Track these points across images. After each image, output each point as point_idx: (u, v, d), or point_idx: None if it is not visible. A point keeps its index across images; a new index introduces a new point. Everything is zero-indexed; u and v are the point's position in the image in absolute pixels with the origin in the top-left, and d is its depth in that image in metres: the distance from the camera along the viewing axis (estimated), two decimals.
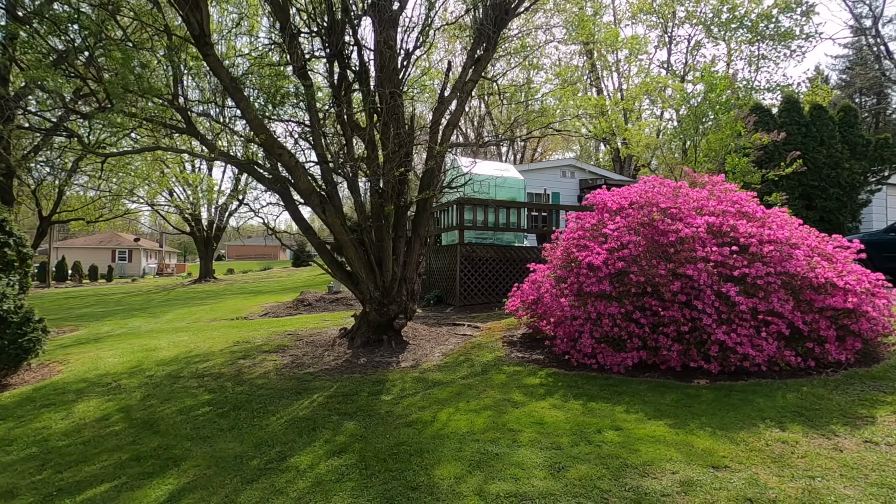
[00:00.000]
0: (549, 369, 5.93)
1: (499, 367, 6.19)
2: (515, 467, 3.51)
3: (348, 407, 5.05)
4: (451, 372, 6.16)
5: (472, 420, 4.47)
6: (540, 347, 7.04)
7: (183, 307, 16.12)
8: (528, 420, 4.39)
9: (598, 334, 5.62)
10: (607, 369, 5.62)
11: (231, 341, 8.69)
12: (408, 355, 7.15)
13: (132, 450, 4.28)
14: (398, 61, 6.75)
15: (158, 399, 5.71)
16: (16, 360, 6.87)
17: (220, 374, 6.60)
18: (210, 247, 29.56)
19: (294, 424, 4.66)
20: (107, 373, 7.02)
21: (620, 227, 5.93)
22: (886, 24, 25.25)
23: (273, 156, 6.19)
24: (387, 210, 6.61)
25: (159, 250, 51.07)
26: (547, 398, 4.94)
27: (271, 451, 4.07)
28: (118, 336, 10.72)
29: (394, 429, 4.40)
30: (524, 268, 11.98)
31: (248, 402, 5.41)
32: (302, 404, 5.25)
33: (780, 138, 11.06)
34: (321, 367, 6.74)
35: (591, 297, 5.78)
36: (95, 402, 5.77)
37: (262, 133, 5.85)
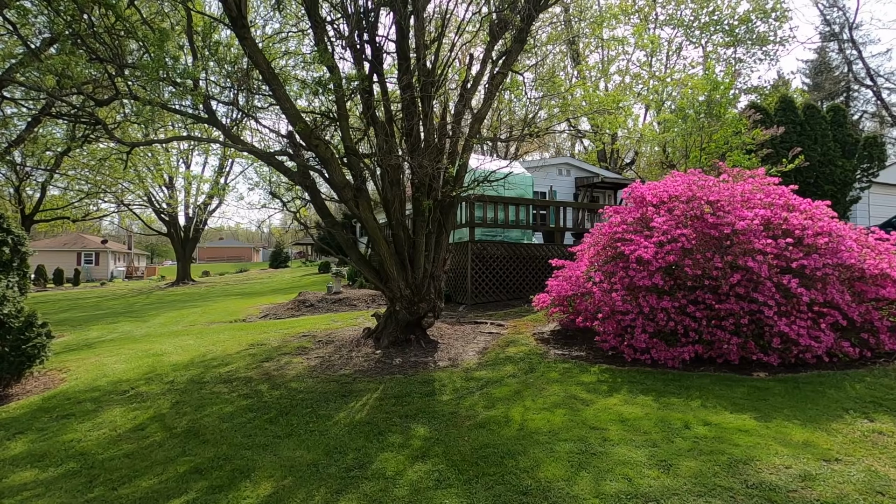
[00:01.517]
0: (599, 365, 5.81)
1: (545, 365, 6.04)
2: (622, 465, 3.35)
3: (406, 409, 4.80)
4: (495, 370, 5.98)
5: (548, 419, 4.30)
6: (577, 343, 6.93)
7: (171, 310, 15.39)
8: (608, 417, 4.24)
9: (652, 329, 5.53)
10: (661, 364, 5.54)
11: (244, 344, 8.27)
12: (442, 354, 6.93)
13: (187, 461, 3.94)
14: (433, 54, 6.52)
15: (191, 406, 5.32)
16: (18, 369, 6.33)
17: (249, 378, 6.23)
18: (188, 248, 28.50)
19: (356, 429, 4.38)
20: (119, 380, 6.55)
21: (668, 220, 5.87)
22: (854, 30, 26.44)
23: (309, 147, 5.87)
24: (425, 204, 6.37)
25: (128, 252, 48.97)
26: (613, 394, 4.81)
27: (346, 458, 3.80)
28: (112, 341, 10.09)
29: (468, 430, 4.18)
30: (534, 265, 11.92)
31: (293, 406, 5.10)
32: (353, 407, 4.98)
33: (780, 133, 11.31)
34: (355, 368, 6.45)
35: (641, 292, 5.70)
36: (119, 410, 5.34)
37: (299, 123, 5.53)
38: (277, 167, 6.59)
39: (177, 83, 5.61)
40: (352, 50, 6.04)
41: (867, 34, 26.88)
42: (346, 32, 5.75)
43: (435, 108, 7.03)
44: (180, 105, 5.88)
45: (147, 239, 67.27)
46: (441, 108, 6.63)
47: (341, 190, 6.16)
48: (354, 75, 5.45)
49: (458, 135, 6.63)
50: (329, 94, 5.95)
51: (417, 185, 6.38)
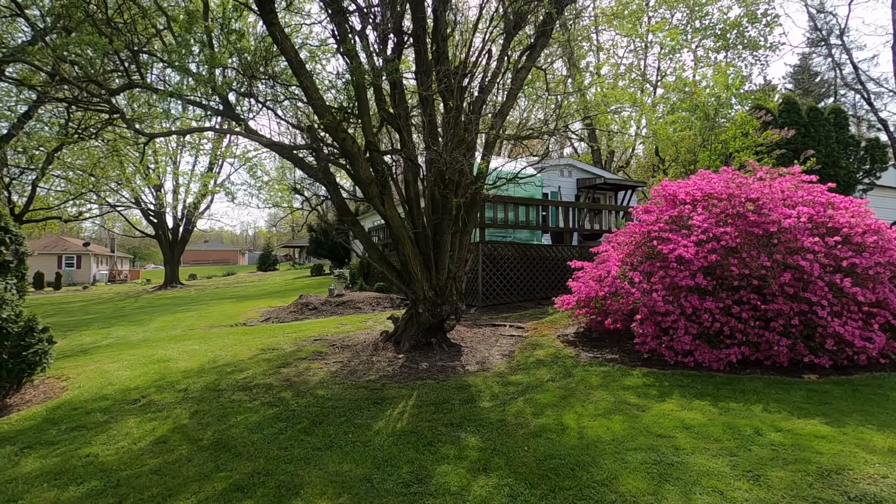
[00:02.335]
0: (640, 369, 5.60)
1: (581, 369, 5.81)
2: (706, 477, 3.13)
3: (448, 417, 4.53)
4: (530, 374, 5.73)
5: (606, 426, 4.06)
6: (607, 346, 6.72)
7: (166, 314, 14.85)
8: (670, 424, 4.02)
9: (696, 330, 5.35)
10: (705, 367, 5.35)
11: (254, 349, 7.90)
12: (468, 358, 6.66)
13: (224, 477, 3.61)
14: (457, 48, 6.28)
15: (213, 416, 4.97)
16: (18, 377, 5.90)
17: (269, 385, 5.89)
18: (176, 250, 27.76)
19: (401, 439, 4.10)
20: (127, 388, 6.15)
21: (707, 218, 5.70)
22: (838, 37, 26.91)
23: (336, 140, 5.57)
24: (454, 202, 6.11)
25: (111, 256, 47.67)
26: (666, 399, 4.60)
27: (400, 472, 3.51)
28: (109, 347, 9.62)
29: (523, 439, 3.93)
30: (544, 266, 11.72)
31: (325, 415, 4.79)
32: (390, 416, 4.68)
33: (790, 135, 11.31)
34: (380, 373, 6.15)
35: (682, 292, 5.51)
36: (134, 421, 4.96)
37: (327, 115, 5.24)
38: (297, 163, 6.28)
39: (189, 71, 5.28)
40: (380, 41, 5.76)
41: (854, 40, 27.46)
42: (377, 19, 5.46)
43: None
44: (194, 96, 5.52)
45: (129, 241, 65.70)
46: (468, 103, 6.38)
47: (367, 186, 5.87)
48: (388, 66, 5.17)
49: (489, 130, 6.38)
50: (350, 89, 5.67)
51: (446, 183, 6.11)
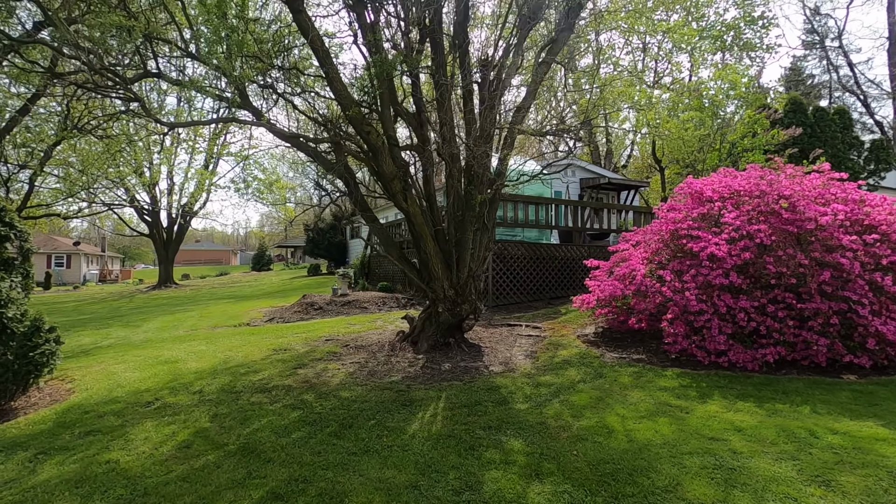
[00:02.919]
0: (672, 369, 5.47)
1: (610, 369, 5.67)
2: (774, 483, 2.99)
3: (484, 420, 4.36)
4: (559, 375, 5.58)
5: (653, 429, 3.92)
6: (631, 346, 6.60)
7: (164, 315, 14.53)
8: (719, 426, 3.89)
9: (731, 330, 5.23)
10: (739, 367, 5.24)
11: (265, 349, 7.68)
12: (490, 359, 6.50)
13: (259, 485, 3.41)
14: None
15: (234, 419, 4.76)
16: (25, 379, 5.64)
17: (288, 386, 5.69)
18: (171, 250, 27.32)
19: (440, 443, 3.92)
20: (137, 390, 5.92)
21: (739, 216, 5.59)
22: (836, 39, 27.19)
23: (360, 133, 5.38)
24: (478, 198, 5.95)
25: (101, 255, 46.88)
26: (708, 401, 4.47)
27: (447, 479, 3.33)
28: (111, 347, 9.33)
29: (569, 443, 3.77)
30: (554, 266, 11.59)
31: (353, 418, 4.60)
32: (423, 418, 4.51)
33: (797, 134, 11.29)
34: (402, 374, 5.96)
35: (715, 291, 5.39)
36: (151, 425, 4.74)
37: (353, 107, 5.05)
38: (316, 157, 6.08)
39: (212, 58, 5.07)
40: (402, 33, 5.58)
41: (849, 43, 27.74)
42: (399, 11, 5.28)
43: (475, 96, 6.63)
44: (212, 88, 5.30)
45: (120, 241, 64.86)
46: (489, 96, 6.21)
47: (390, 181, 5.69)
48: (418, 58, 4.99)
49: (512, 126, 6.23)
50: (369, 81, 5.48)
51: (471, 178, 5.95)
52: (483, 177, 6.03)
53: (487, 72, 5.62)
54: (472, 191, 5.97)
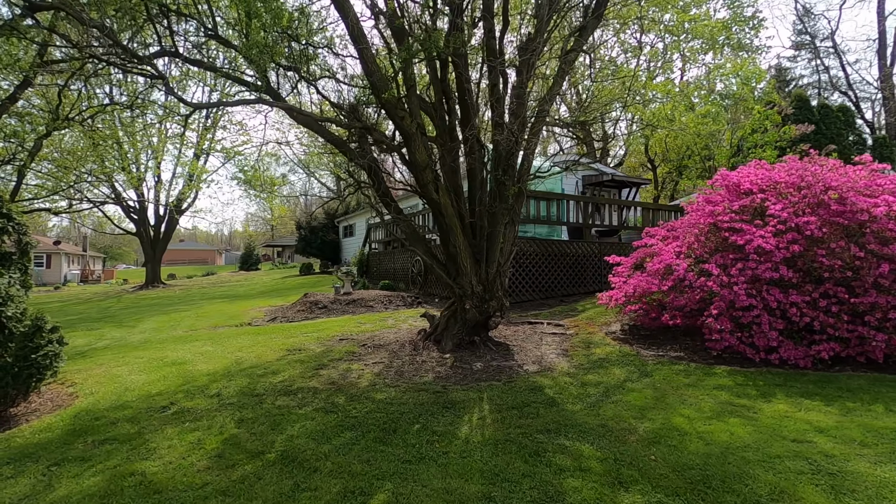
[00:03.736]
0: (719, 367, 5.25)
1: (653, 367, 5.44)
2: (887, 489, 2.76)
3: (539, 423, 4.07)
4: (603, 374, 5.33)
5: (727, 430, 3.67)
6: (665, 343, 6.38)
7: (158, 315, 13.97)
8: (795, 426, 3.66)
9: (782, 325, 5.02)
10: (791, 364, 5.04)
11: (278, 350, 7.30)
12: (522, 357, 6.22)
13: (311, 498, 3.07)
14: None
15: (264, 425, 4.40)
16: (26, 383, 5.19)
17: (314, 388, 5.34)
18: (158, 249, 26.54)
19: (499, 448, 3.62)
20: (148, 393, 5.51)
21: (785, 208, 5.40)
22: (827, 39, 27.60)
23: (393, 119, 5.06)
24: (511, 190, 5.66)
25: (82, 255, 45.50)
26: (772, 399, 4.24)
27: (522, 488, 3.04)
28: (108, 349, 8.83)
29: (642, 447, 3.51)
30: (565, 262, 11.37)
31: (394, 421, 4.28)
32: (471, 421, 4.20)
33: (809, 130, 11.25)
34: (432, 374, 5.65)
35: (763, 285, 5.19)
36: (173, 432, 4.35)
37: (388, 90, 4.72)
38: (338, 146, 5.73)
39: (222, 40, 4.70)
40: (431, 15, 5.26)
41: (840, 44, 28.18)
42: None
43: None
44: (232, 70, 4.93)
45: (101, 240, 63.25)
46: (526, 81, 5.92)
47: (422, 171, 5.37)
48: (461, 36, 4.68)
49: (541, 115, 5.96)
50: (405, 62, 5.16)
51: (505, 168, 5.66)
52: (516, 167, 5.75)
53: (526, 56, 5.34)
54: (506, 181, 5.68)
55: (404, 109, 5.03)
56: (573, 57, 6.77)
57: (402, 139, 5.25)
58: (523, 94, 5.35)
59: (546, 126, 6.59)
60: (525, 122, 5.41)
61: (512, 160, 5.54)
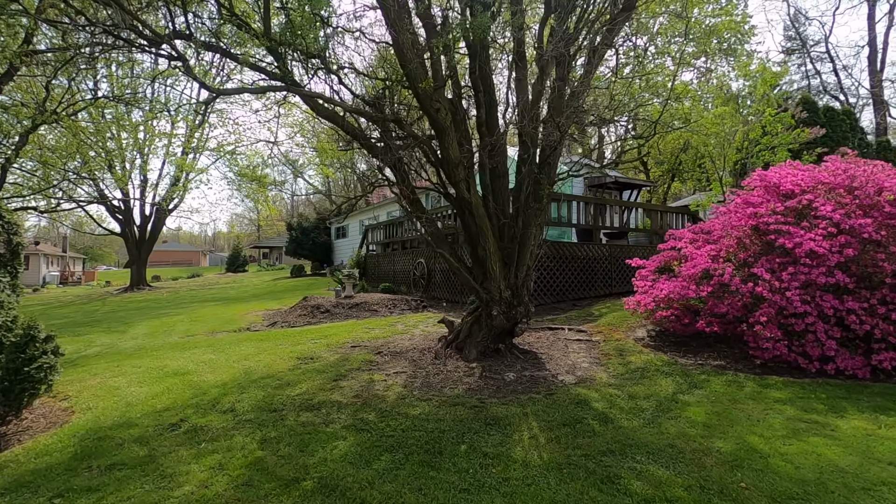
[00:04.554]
0: (771, 377, 4.97)
1: (700, 378, 5.13)
2: None
3: (599, 442, 3.72)
4: (649, 386, 5.00)
5: (812, 451, 3.36)
6: (699, 350, 6.09)
7: (149, 319, 13.34)
8: (890, 448, 3.37)
9: (839, 334, 4.76)
10: (848, 374, 4.77)
11: (288, 358, 6.86)
12: (554, 367, 5.87)
13: None
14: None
15: (291, 445, 3.97)
16: (18, 399, 4.69)
17: (338, 402, 4.92)
18: (144, 250, 25.68)
19: (565, 474, 3.26)
20: (154, 409, 5.04)
21: (835, 209, 5.14)
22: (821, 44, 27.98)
23: (427, 111, 4.68)
24: (546, 189, 5.32)
25: (62, 256, 44.08)
26: (844, 415, 3.96)
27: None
28: (100, 357, 8.27)
29: (724, 471, 3.17)
30: (576, 265, 11.07)
31: (435, 441, 3.89)
32: (521, 441, 3.83)
33: (821, 134, 11.14)
34: (463, 386, 5.27)
35: (816, 290, 4.92)
36: (188, 454, 3.91)
37: (424, 79, 4.34)
38: (361, 140, 5.33)
39: (241, 23, 4.28)
40: None
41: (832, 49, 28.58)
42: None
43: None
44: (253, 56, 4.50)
45: (81, 241, 61.55)
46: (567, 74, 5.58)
47: (454, 168, 5.00)
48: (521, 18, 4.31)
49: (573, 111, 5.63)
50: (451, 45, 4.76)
51: (542, 165, 5.31)
52: (554, 165, 5.41)
53: (568, 47, 5.01)
54: (542, 179, 5.33)
55: (439, 101, 4.66)
56: (602, 52, 6.47)
57: (435, 133, 4.88)
58: (563, 88, 5.01)
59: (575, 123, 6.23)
60: (569, 117, 5.07)
61: (552, 158, 5.20)
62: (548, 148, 4.98)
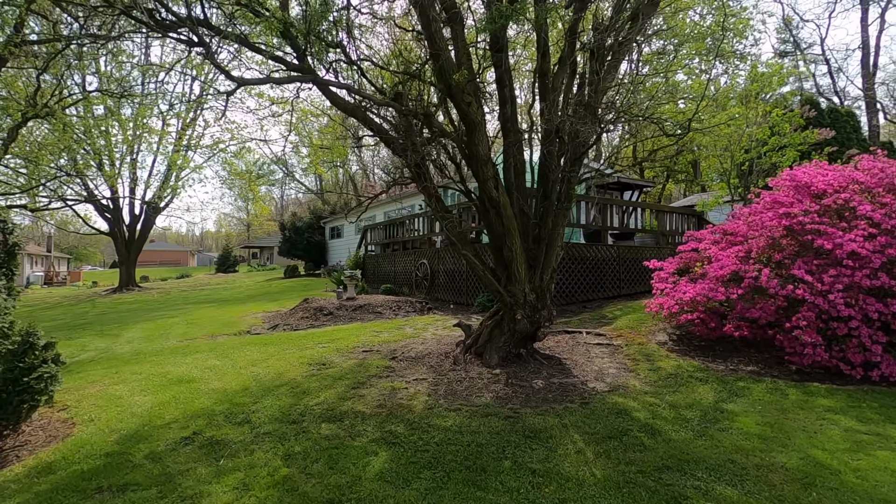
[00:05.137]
0: (813, 384, 4.78)
1: (738, 385, 4.93)
2: None
3: (653, 457, 3.49)
4: (687, 394, 4.79)
5: (886, 468, 3.17)
6: (728, 355, 5.91)
7: (143, 321, 12.90)
8: None
9: (884, 339, 4.59)
10: (892, 381, 4.60)
11: (298, 364, 6.55)
12: (581, 373, 5.65)
13: None
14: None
15: (318, 462, 3.69)
16: (17, 412, 4.34)
17: (360, 413, 4.64)
18: (133, 250, 25.07)
19: (625, 495, 3.02)
20: (162, 421, 4.71)
21: (875, 210, 4.98)
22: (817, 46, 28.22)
23: (459, 106, 4.42)
24: (575, 188, 5.09)
25: (47, 256, 43.02)
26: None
27: None
28: (95, 362, 7.90)
29: (798, 490, 2.96)
30: (584, 267, 10.88)
31: (476, 456, 3.63)
32: (567, 456, 3.59)
33: (830, 136, 11.08)
34: (490, 394, 5.02)
35: (860, 293, 4.75)
36: (207, 472, 3.61)
37: (459, 70, 4.08)
38: (382, 136, 5.05)
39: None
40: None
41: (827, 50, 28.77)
42: None
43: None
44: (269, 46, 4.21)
45: (66, 240, 60.29)
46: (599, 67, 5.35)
47: (483, 165, 4.75)
48: None
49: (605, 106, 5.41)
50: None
51: (573, 162, 5.08)
52: (581, 162, 5.18)
53: (603, 37, 4.79)
54: (572, 178, 5.10)
55: (471, 94, 4.40)
56: (627, 46, 6.27)
57: (465, 128, 4.62)
58: (597, 82, 4.79)
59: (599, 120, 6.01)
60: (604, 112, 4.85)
61: (582, 155, 4.97)
62: (581, 145, 4.76)
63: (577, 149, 4.86)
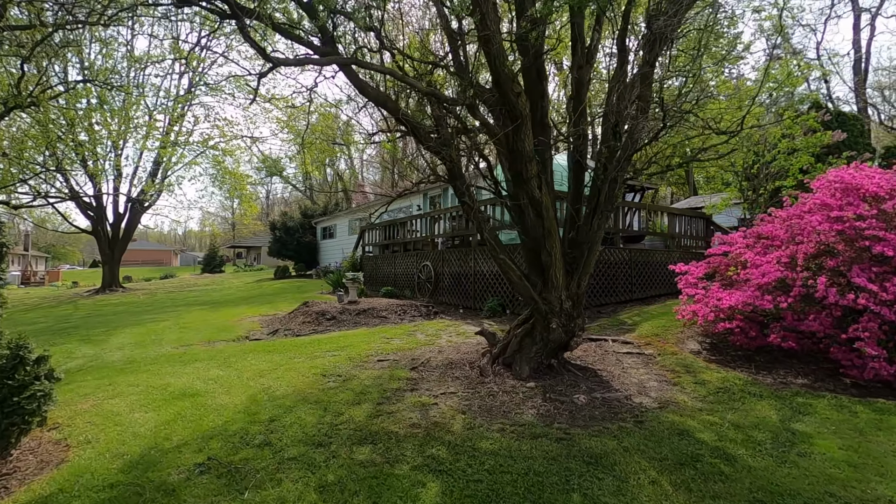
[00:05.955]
0: (881, 401, 4.48)
1: (797, 401, 4.61)
2: None
3: (738, 489, 3.12)
4: (747, 413, 4.45)
5: None
6: (772, 366, 5.60)
7: (131, 326, 12.23)
8: None
9: None
10: None
11: (310, 375, 6.09)
12: (621, 386, 5.28)
13: None
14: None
15: (362, 496, 3.24)
16: (6, 437, 3.82)
17: (393, 433, 4.20)
18: (117, 249, 24.16)
19: None
20: (171, 444, 4.22)
21: None
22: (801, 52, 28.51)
23: (506, 101, 4.01)
24: (621, 190, 4.73)
25: (24, 254, 41.52)
26: None
27: None
28: (84, 372, 7.32)
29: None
30: (598, 270, 10.56)
31: (537, 489, 3.23)
32: (640, 486, 3.21)
33: (842, 138, 10.95)
34: (532, 411, 4.62)
35: None
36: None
37: (505, 62, 3.69)
38: (414, 131, 4.63)
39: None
40: None
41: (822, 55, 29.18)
42: None
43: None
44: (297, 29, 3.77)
45: (43, 238, 58.49)
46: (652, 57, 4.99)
47: (526, 163, 4.36)
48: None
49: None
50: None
51: (621, 160, 4.72)
52: (629, 162, 4.83)
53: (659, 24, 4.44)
54: (618, 176, 4.74)
55: (520, 85, 4.01)
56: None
57: (512, 122, 4.22)
58: (650, 74, 4.44)
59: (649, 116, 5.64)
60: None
61: (633, 154, 4.62)
62: (638, 142, 4.40)
63: (631, 147, 4.50)
